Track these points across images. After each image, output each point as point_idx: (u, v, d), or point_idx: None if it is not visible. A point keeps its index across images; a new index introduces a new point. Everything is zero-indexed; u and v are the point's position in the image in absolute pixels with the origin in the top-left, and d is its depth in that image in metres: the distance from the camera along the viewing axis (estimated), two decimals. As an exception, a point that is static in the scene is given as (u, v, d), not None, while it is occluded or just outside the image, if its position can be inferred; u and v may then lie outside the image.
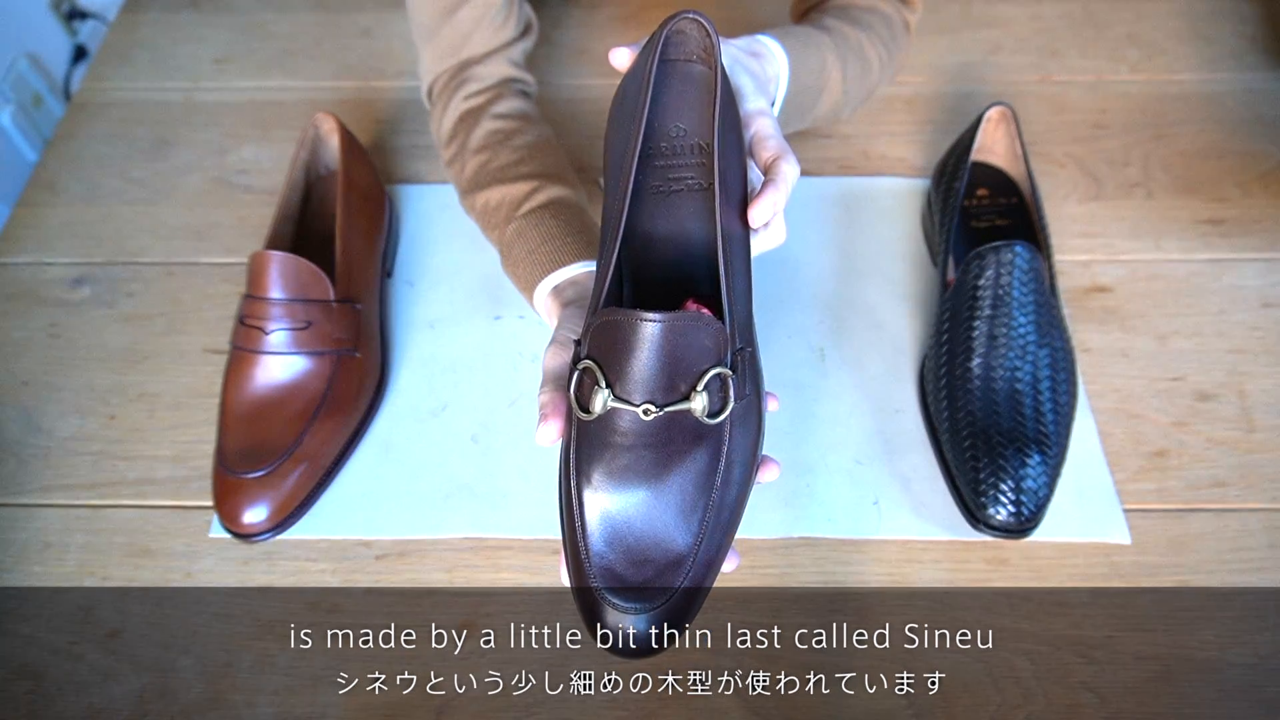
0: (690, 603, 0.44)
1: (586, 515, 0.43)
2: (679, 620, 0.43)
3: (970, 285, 0.62)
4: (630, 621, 0.42)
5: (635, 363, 0.42)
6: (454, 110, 0.66)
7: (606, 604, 0.42)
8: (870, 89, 0.68)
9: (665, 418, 0.42)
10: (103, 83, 0.88)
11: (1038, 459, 0.57)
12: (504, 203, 0.61)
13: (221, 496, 0.59)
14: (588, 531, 0.43)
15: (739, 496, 0.45)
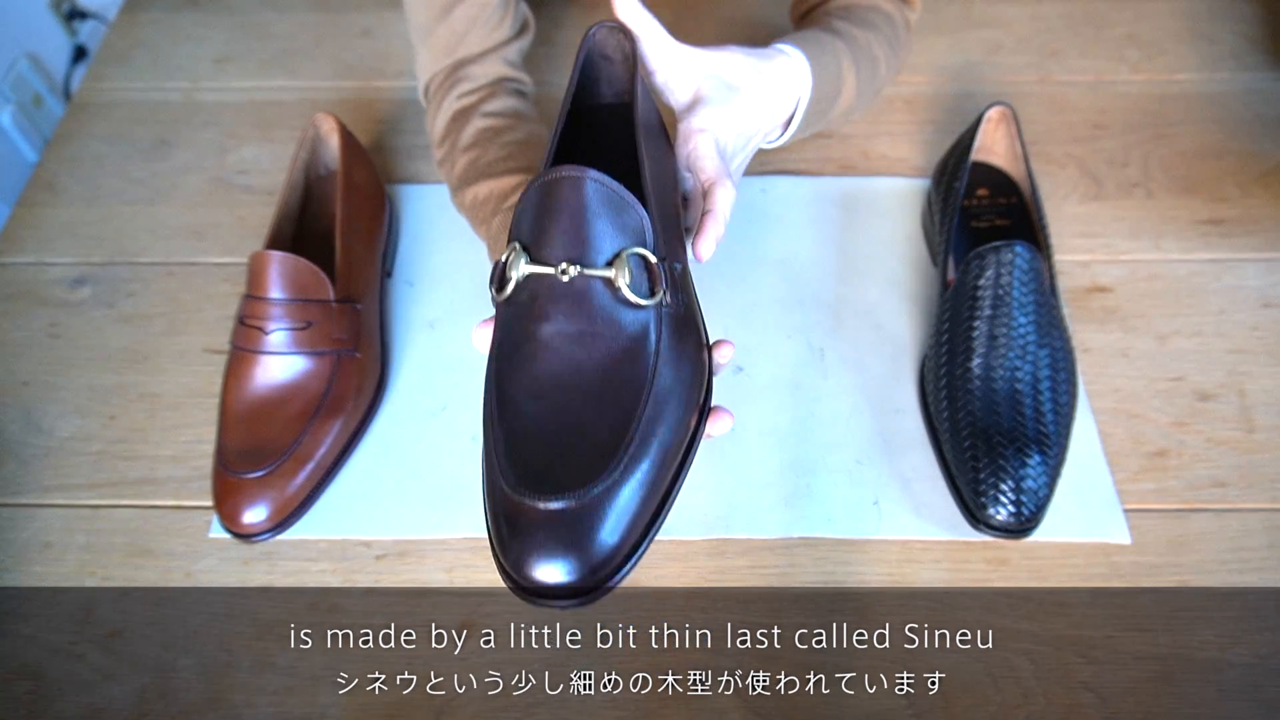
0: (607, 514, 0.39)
1: (503, 407, 0.41)
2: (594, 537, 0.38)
3: (970, 285, 0.62)
4: (546, 528, 0.38)
5: (554, 225, 0.41)
6: (446, 110, 0.66)
7: (524, 515, 0.38)
8: (877, 89, 0.68)
9: (586, 295, 0.41)
10: (103, 83, 0.88)
11: (1038, 459, 0.57)
12: (491, 196, 0.61)
13: (221, 496, 0.59)
14: (506, 422, 0.40)
15: (675, 435, 0.42)
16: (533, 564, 0.38)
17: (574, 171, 0.42)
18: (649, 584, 0.59)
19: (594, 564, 0.38)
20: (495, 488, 0.40)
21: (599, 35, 0.52)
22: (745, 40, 0.88)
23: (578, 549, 0.38)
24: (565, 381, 0.41)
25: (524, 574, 0.38)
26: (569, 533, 0.38)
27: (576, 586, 0.38)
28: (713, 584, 0.59)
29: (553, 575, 0.38)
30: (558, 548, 0.37)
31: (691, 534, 0.61)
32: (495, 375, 0.42)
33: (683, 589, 0.59)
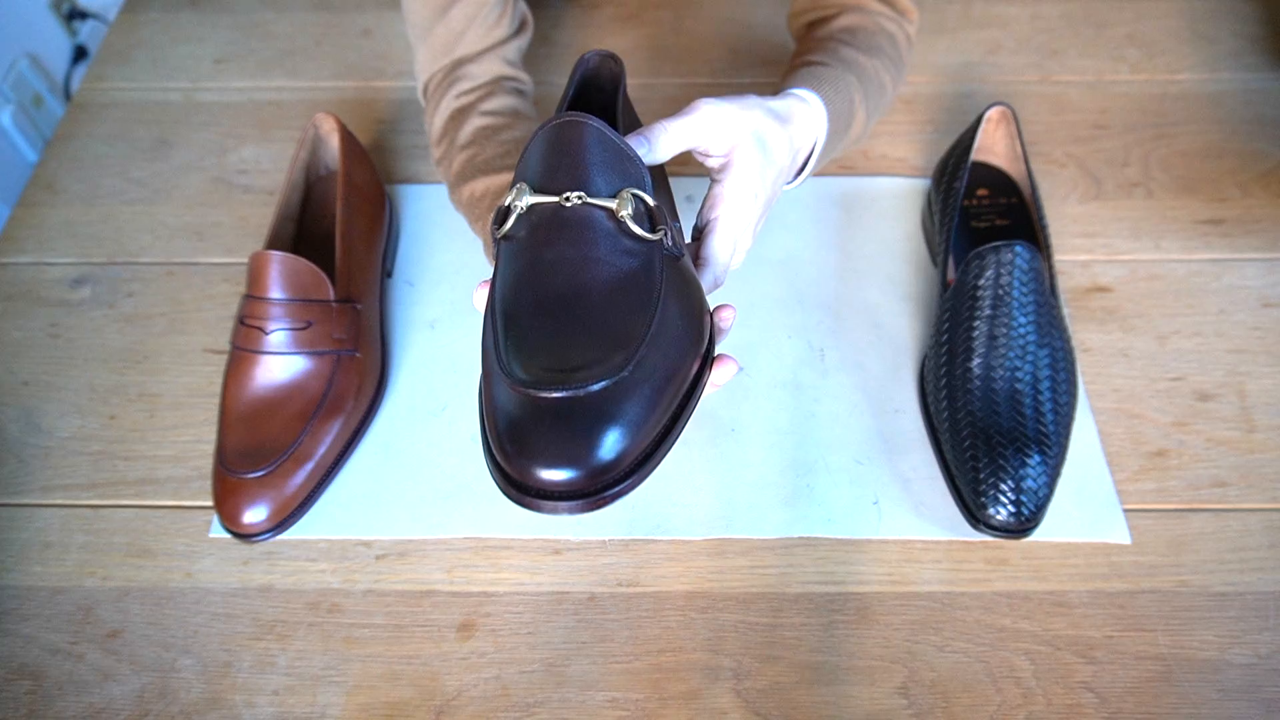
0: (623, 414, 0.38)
1: (508, 323, 0.40)
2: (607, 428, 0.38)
3: (970, 285, 0.62)
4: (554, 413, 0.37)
5: (557, 162, 0.43)
6: (445, 109, 0.66)
7: (531, 410, 0.37)
8: (882, 112, 0.68)
9: (588, 222, 0.42)
10: (103, 83, 0.88)
11: (1038, 459, 0.57)
12: (488, 192, 0.61)
13: (221, 496, 0.59)
14: (512, 344, 0.40)
15: (679, 366, 0.41)
16: (537, 458, 0.37)
17: (579, 117, 0.43)
18: (649, 584, 0.59)
19: (597, 463, 0.37)
20: (497, 392, 0.39)
21: (592, 62, 0.53)
22: (745, 41, 0.89)
23: (583, 441, 0.37)
24: (570, 300, 0.41)
25: (528, 471, 0.37)
26: (575, 423, 0.37)
27: (580, 485, 0.37)
28: (713, 584, 0.59)
29: (557, 472, 0.37)
30: (563, 439, 0.37)
31: (691, 534, 0.61)
32: (499, 300, 0.42)
33: (683, 589, 0.59)
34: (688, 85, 0.86)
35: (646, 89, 0.86)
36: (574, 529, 0.61)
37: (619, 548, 0.61)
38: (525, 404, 0.38)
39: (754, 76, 0.86)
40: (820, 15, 0.69)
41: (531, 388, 0.37)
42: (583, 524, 0.61)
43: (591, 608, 0.58)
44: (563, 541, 0.61)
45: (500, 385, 0.39)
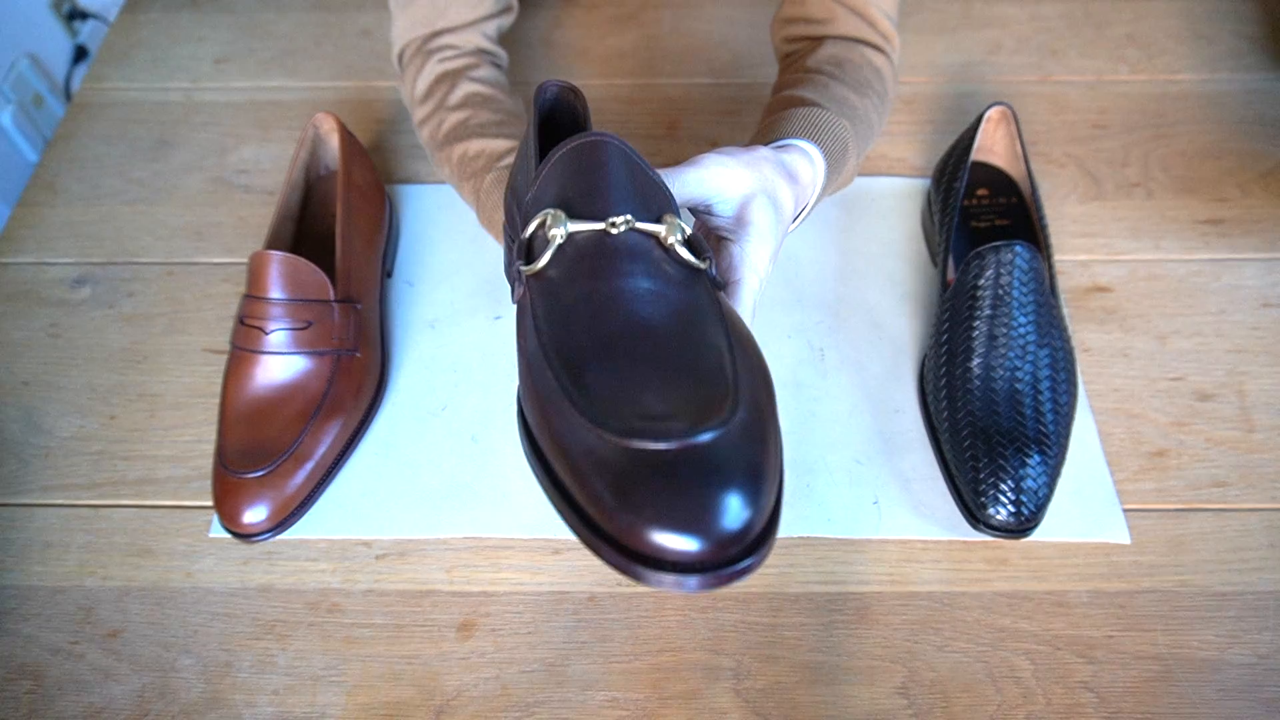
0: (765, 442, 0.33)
1: (576, 376, 0.34)
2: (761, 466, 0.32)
3: (970, 285, 0.62)
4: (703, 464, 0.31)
5: (593, 184, 0.39)
6: (430, 72, 0.67)
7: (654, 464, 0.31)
8: (867, 151, 0.67)
9: (637, 251, 0.38)
10: (103, 83, 0.88)
11: (1038, 459, 0.57)
12: (483, 153, 0.62)
13: (221, 496, 0.59)
14: (587, 392, 0.34)
15: (766, 401, 0.36)
16: (651, 520, 0.31)
17: (604, 136, 0.40)
18: (649, 584, 0.59)
19: (723, 533, 0.31)
20: (572, 431, 0.34)
21: (550, 93, 0.50)
22: (745, 41, 0.89)
23: (703, 503, 0.31)
24: (636, 338, 0.36)
25: (637, 534, 0.31)
26: (690, 481, 0.32)
27: (705, 557, 0.31)
28: (713, 584, 0.59)
29: (678, 539, 0.31)
30: (679, 500, 0.31)
31: (691, 534, 0.61)
32: (551, 342, 0.37)
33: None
34: (688, 85, 0.86)
35: (646, 89, 0.86)
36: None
37: (619, 548, 0.60)
38: (622, 453, 0.32)
39: (754, 77, 0.86)
40: (804, 33, 0.68)
41: (632, 437, 0.31)
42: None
43: (591, 608, 0.58)
44: (562, 542, 0.61)
45: (578, 427, 0.34)
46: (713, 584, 0.31)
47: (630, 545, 0.32)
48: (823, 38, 0.66)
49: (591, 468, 0.33)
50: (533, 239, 0.40)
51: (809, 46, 0.67)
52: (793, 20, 0.69)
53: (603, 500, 0.32)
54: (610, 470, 0.32)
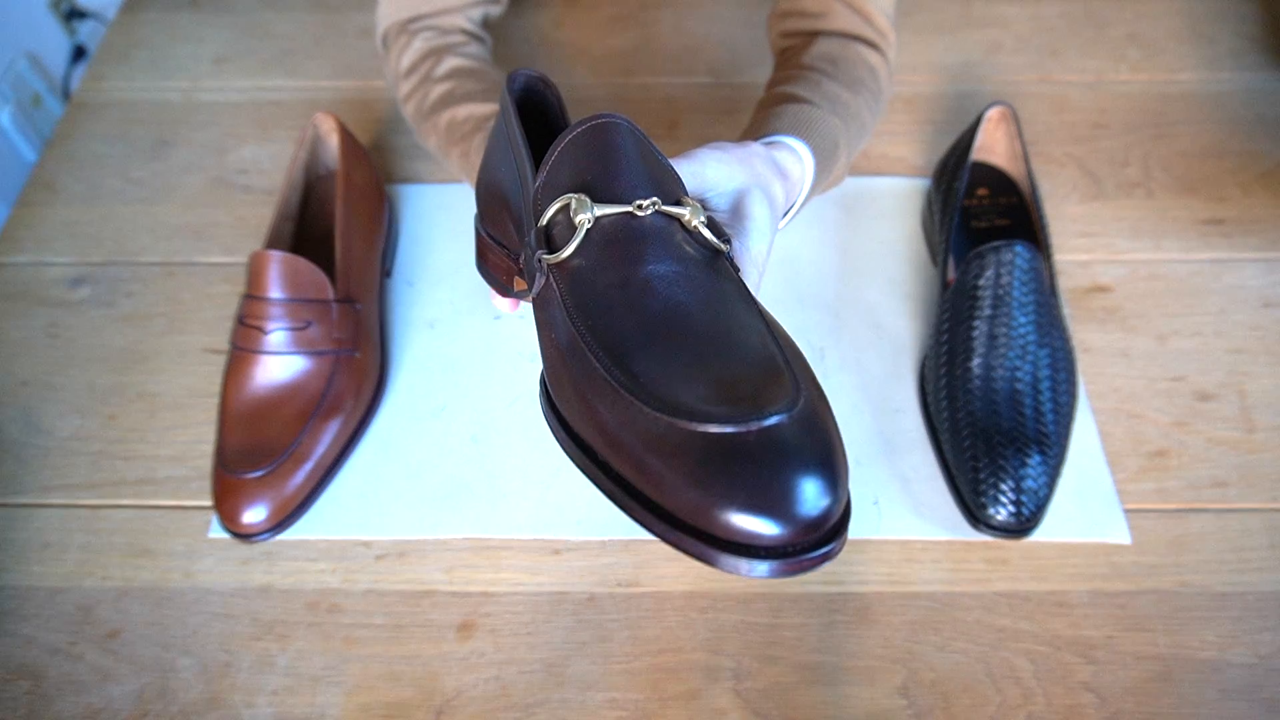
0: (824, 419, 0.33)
1: (625, 365, 0.33)
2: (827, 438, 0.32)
3: (970, 285, 0.62)
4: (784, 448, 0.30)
5: (610, 167, 0.38)
6: (415, 49, 0.68)
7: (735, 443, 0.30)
8: (859, 150, 0.67)
9: (663, 234, 0.37)
10: (102, 83, 0.88)
11: (1038, 459, 0.57)
12: (472, 117, 0.63)
13: (221, 496, 0.59)
14: (641, 380, 0.33)
15: (813, 379, 0.37)
16: (729, 502, 0.31)
17: (614, 118, 0.39)
18: (649, 584, 0.59)
19: (804, 517, 0.31)
20: (653, 438, 0.32)
21: (519, 82, 0.49)
22: (745, 41, 0.88)
23: (782, 487, 0.31)
24: (679, 321, 0.35)
25: (714, 516, 0.31)
26: (766, 465, 0.31)
27: (786, 541, 0.31)
28: (713, 584, 0.59)
29: (759, 523, 0.31)
30: (757, 483, 0.31)
31: (691, 534, 0.61)
32: (590, 330, 0.36)
33: (683, 589, 0.59)
34: (688, 85, 0.86)
35: (646, 89, 0.86)
36: (574, 529, 0.61)
37: (619, 548, 0.60)
38: (693, 439, 0.32)
39: (754, 76, 0.86)
40: (800, 28, 0.68)
41: (705, 422, 0.31)
42: (582, 524, 0.61)
43: (591, 608, 0.58)
44: (562, 542, 0.61)
45: (637, 416, 0.33)
46: (791, 570, 0.31)
47: (701, 527, 0.31)
48: (818, 33, 0.66)
49: (656, 454, 0.32)
50: (551, 226, 0.39)
51: (804, 42, 0.67)
52: (789, 14, 0.68)
53: (668, 484, 0.32)
54: (681, 455, 0.32)
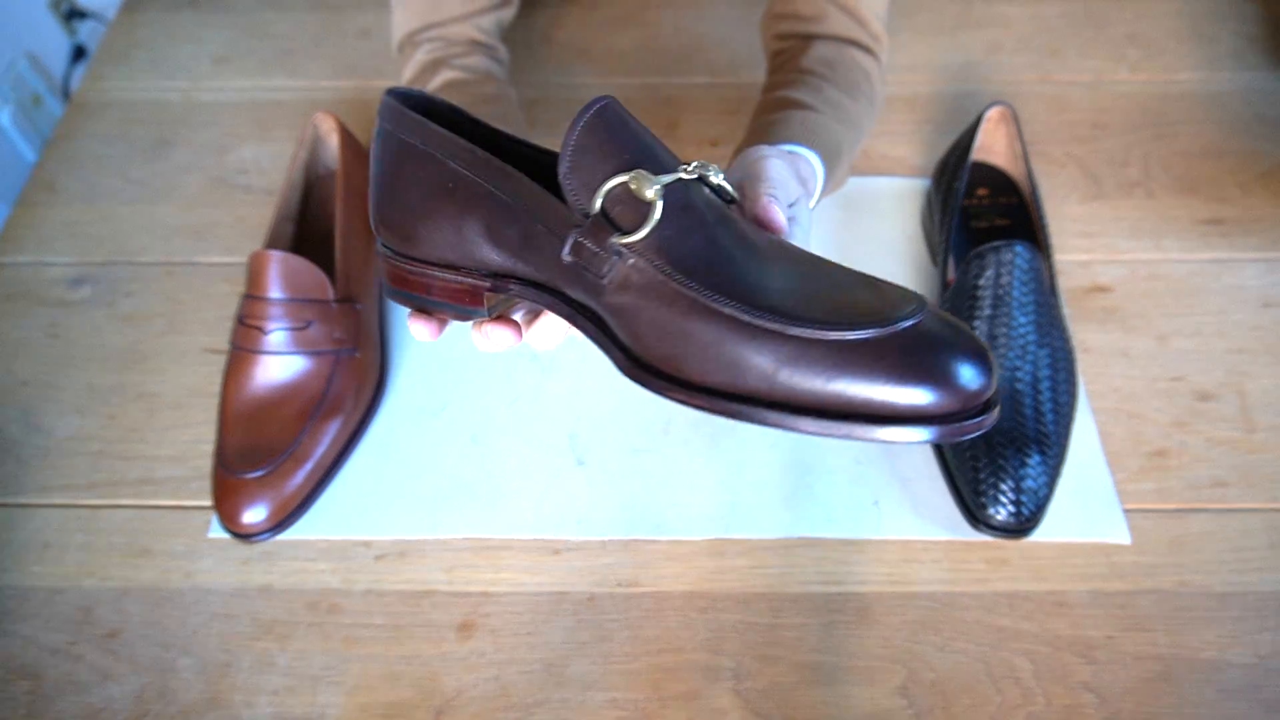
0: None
1: (772, 308, 0.36)
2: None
3: (970, 285, 0.62)
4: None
5: (633, 139, 0.39)
6: (416, 61, 0.67)
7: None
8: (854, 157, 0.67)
9: (709, 198, 0.39)
10: (102, 82, 0.88)
11: (1038, 459, 0.57)
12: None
13: (221, 496, 0.59)
14: (780, 312, 0.36)
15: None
16: (954, 370, 0.35)
17: (611, 99, 0.39)
18: (649, 584, 0.59)
19: (969, 388, 0.35)
20: (794, 356, 0.36)
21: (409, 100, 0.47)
22: (744, 41, 0.88)
23: (949, 364, 0.35)
24: (775, 267, 0.38)
25: (958, 384, 0.35)
26: (932, 344, 0.35)
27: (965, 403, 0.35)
28: (713, 584, 0.59)
29: (984, 378, 0.35)
30: (932, 356, 0.35)
31: (691, 534, 0.61)
32: (713, 289, 0.37)
33: (682, 589, 0.59)
34: (688, 85, 0.86)
35: (646, 89, 0.86)
36: (574, 529, 0.61)
37: (619, 548, 0.60)
38: (854, 346, 0.35)
39: (753, 76, 0.86)
40: (795, 31, 0.67)
41: (889, 324, 0.35)
42: (582, 524, 0.61)
43: (591, 608, 0.58)
44: (562, 542, 0.61)
45: (779, 343, 0.36)
46: (954, 434, 0.34)
47: (961, 408, 0.35)
48: (813, 36, 0.66)
49: (838, 372, 0.35)
50: (607, 211, 0.39)
51: (800, 45, 0.67)
52: (783, 17, 0.68)
53: (847, 393, 0.35)
54: (858, 363, 0.35)
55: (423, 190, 0.43)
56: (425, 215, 0.43)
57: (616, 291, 0.39)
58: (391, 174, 0.44)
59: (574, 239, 0.39)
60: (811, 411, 0.36)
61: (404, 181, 0.44)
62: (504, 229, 0.42)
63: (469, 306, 0.45)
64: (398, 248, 0.45)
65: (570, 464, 0.64)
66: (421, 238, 0.44)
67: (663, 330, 0.38)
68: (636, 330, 0.39)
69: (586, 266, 0.39)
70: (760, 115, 0.62)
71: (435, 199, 0.43)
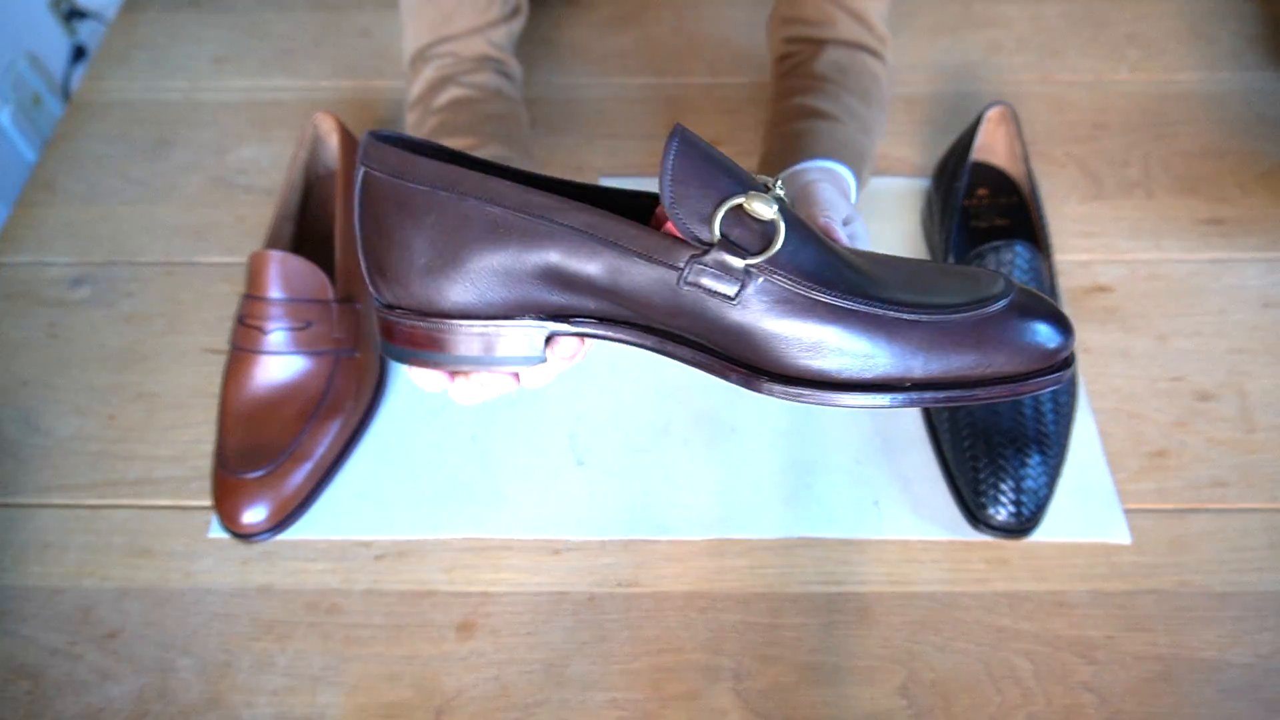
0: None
1: (901, 301, 0.40)
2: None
3: (970, 285, 0.62)
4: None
5: (720, 162, 0.40)
6: (425, 78, 0.67)
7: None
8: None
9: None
10: (102, 82, 0.88)
11: (1038, 459, 0.57)
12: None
13: (221, 496, 0.59)
14: (922, 304, 0.40)
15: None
16: (1058, 331, 0.41)
17: (680, 127, 0.40)
18: (649, 584, 0.59)
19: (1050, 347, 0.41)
20: (947, 331, 0.40)
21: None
22: (745, 41, 0.88)
23: (1044, 319, 0.41)
24: (872, 264, 0.42)
25: (1065, 343, 0.41)
26: (1031, 310, 0.41)
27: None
28: (713, 584, 0.59)
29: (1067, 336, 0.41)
30: (1027, 322, 0.40)
31: (691, 534, 0.61)
32: (849, 290, 0.40)
33: (682, 589, 0.59)
34: (688, 85, 0.86)
35: (646, 89, 0.86)
36: (574, 529, 0.61)
37: (619, 548, 0.60)
38: (970, 323, 0.40)
39: (753, 76, 0.86)
40: (805, 35, 0.67)
41: (989, 303, 0.40)
42: (582, 524, 0.61)
43: (591, 608, 0.58)
44: (562, 542, 0.61)
45: (933, 327, 0.40)
46: (1051, 383, 0.40)
47: (1063, 360, 0.41)
48: (823, 41, 0.66)
49: (965, 347, 0.40)
50: (726, 234, 0.39)
51: (811, 50, 0.67)
52: (791, 21, 0.68)
53: (1050, 331, 0.40)
54: (977, 338, 0.40)
55: (453, 239, 0.40)
56: (458, 265, 0.40)
57: (744, 311, 0.40)
58: (399, 225, 0.40)
59: (695, 266, 0.39)
60: (947, 385, 0.40)
61: (425, 232, 0.40)
62: (580, 266, 0.40)
63: (527, 355, 0.42)
64: (418, 306, 0.41)
65: (570, 464, 0.64)
66: (454, 291, 0.40)
67: (799, 338, 0.40)
68: (769, 344, 0.40)
69: (710, 291, 0.39)
70: (783, 124, 0.62)
71: (473, 247, 0.40)
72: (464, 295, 0.41)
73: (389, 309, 0.42)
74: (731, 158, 0.42)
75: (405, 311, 0.41)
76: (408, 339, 0.42)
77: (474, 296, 0.41)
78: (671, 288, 0.39)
